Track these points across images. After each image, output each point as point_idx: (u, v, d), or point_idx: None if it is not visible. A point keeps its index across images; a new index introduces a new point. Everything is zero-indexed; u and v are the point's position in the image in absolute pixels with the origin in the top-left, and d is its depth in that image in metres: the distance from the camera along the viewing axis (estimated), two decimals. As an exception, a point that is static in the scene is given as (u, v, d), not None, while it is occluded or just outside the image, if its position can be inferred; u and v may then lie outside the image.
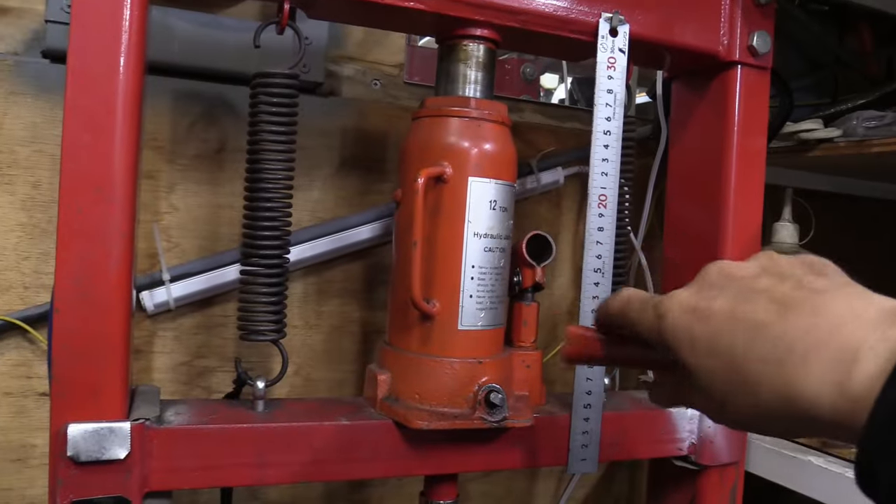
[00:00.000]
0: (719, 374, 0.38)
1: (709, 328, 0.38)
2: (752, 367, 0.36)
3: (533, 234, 0.70)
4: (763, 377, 0.36)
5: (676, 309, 0.41)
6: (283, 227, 0.63)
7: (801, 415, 0.34)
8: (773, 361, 0.35)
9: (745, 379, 0.36)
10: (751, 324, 0.37)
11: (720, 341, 0.38)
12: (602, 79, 0.68)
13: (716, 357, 0.38)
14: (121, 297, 0.54)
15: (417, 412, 0.62)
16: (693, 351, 0.39)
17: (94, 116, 0.53)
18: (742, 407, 0.37)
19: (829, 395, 0.33)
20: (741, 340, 0.37)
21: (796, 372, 0.34)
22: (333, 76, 0.88)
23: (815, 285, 0.37)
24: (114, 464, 0.54)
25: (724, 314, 0.38)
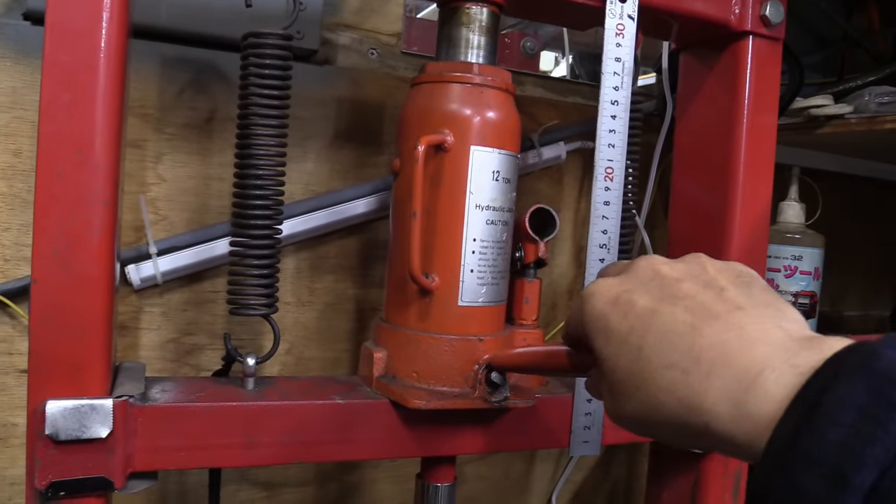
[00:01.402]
0: (626, 371, 0.38)
1: (625, 323, 0.38)
2: (658, 370, 0.36)
3: (536, 207, 0.68)
4: (666, 382, 0.35)
5: (599, 296, 0.40)
6: (275, 195, 0.60)
7: (698, 427, 0.34)
8: (678, 369, 0.35)
9: (649, 380, 0.36)
10: (665, 328, 0.36)
11: (632, 338, 0.37)
12: (610, 46, 0.65)
13: (626, 353, 0.38)
14: (103, 268, 0.51)
15: (415, 391, 0.59)
16: (607, 342, 0.39)
17: (74, 74, 0.49)
18: (642, 408, 0.37)
19: (727, 412, 0.33)
20: (652, 342, 0.37)
21: (699, 384, 0.34)
22: (329, 44, 0.85)
23: (735, 300, 0.36)
24: (95, 443, 0.51)
25: (642, 312, 0.38)
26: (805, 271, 0.94)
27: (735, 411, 0.32)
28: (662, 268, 0.40)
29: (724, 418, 0.33)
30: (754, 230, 0.73)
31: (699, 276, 0.39)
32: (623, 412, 0.38)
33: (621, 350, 0.38)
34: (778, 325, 0.35)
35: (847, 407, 0.28)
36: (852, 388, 0.28)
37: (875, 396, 0.28)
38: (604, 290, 0.41)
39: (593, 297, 0.41)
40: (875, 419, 0.27)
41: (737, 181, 0.72)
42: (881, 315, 1.33)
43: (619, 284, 0.40)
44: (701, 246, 0.75)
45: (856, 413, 0.28)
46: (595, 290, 0.41)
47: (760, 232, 0.74)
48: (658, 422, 0.36)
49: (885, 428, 0.27)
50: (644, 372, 0.36)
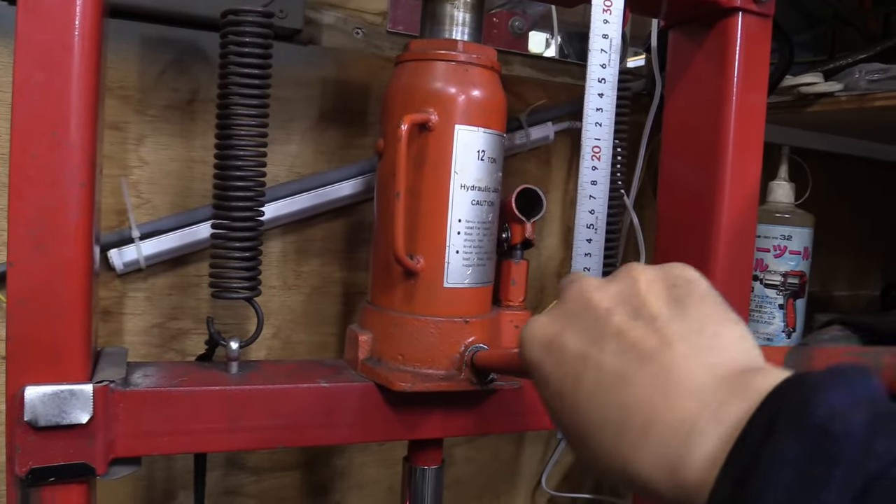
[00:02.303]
0: (567, 426, 0.35)
1: (558, 372, 0.36)
2: (595, 431, 0.33)
3: (522, 187, 0.67)
4: (601, 446, 0.33)
5: (533, 342, 0.38)
6: (257, 176, 0.59)
7: (641, 488, 0.31)
8: (611, 431, 0.32)
9: (588, 440, 0.34)
10: (595, 380, 0.34)
11: (566, 391, 0.35)
12: (597, 24, 0.64)
13: (565, 409, 0.35)
14: (81, 251, 0.50)
15: (400, 374, 0.59)
16: (547, 392, 0.37)
17: (49, 52, 0.48)
18: (590, 462, 0.34)
19: (663, 481, 0.30)
20: (584, 398, 0.34)
21: (632, 450, 0.31)
22: (313, 23, 0.83)
23: (665, 331, 0.33)
24: (75, 429, 0.50)
25: (573, 359, 0.35)
26: (794, 251, 0.94)
27: (670, 479, 0.30)
28: (594, 295, 0.38)
29: (661, 485, 0.30)
30: (743, 210, 0.73)
31: (630, 299, 0.36)
32: (579, 458, 0.36)
33: (561, 404, 0.35)
34: (706, 363, 0.32)
35: (784, 468, 0.26)
36: (786, 447, 0.26)
37: (813, 454, 0.25)
38: (537, 333, 0.39)
39: (527, 343, 0.39)
40: (815, 481, 0.25)
41: (726, 160, 0.71)
42: (871, 294, 1.33)
43: (550, 324, 0.38)
44: (690, 226, 0.75)
45: (793, 474, 0.25)
46: (529, 335, 0.39)
47: (749, 212, 0.73)
48: (608, 474, 0.33)
49: (827, 487, 0.25)
50: (582, 431, 0.34)
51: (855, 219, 1.27)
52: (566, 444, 0.37)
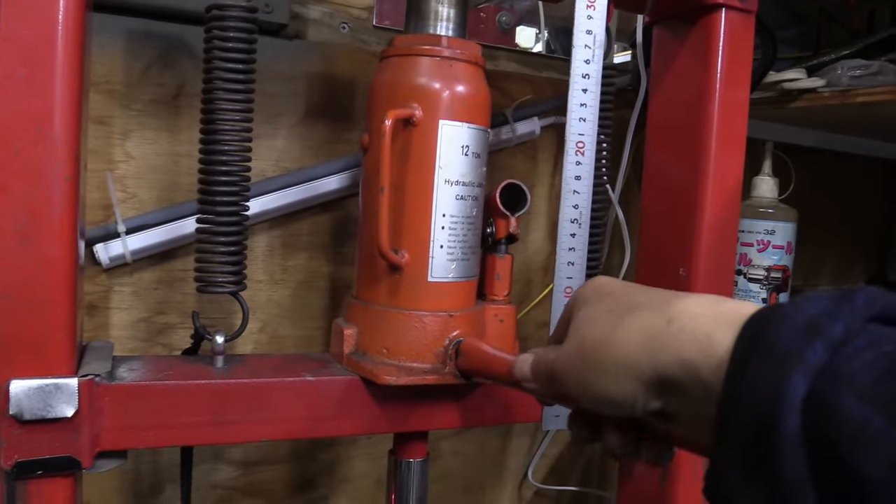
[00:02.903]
0: (605, 316, 0.41)
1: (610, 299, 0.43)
2: (636, 314, 0.39)
3: (507, 183, 0.67)
4: (638, 324, 0.38)
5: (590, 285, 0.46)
6: (242, 171, 0.60)
7: (668, 365, 0.36)
8: (651, 314, 0.38)
9: (626, 321, 0.39)
10: (643, 300, 0.40)
11: (615, 300, 0.42)
12: (581, 19, 0.64)
13: (607, 308, 0.42)
14: (66, 245, 0.50)
15: (385, 367, 0.59)
16: (589, 304, 0.43)
17: (32, 48, 0.48)
18: (613, 361, 0.39)
19: (695, 348, 0.35)
20: (628, 307, 0.40)
21: (672, 331, 0.37)
22: (299, 18, 0.83)
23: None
24: (61, 422, 0.51)
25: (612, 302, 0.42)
26: (778, 245, 0.95)
27: (704, 309, 0.36)
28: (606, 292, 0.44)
29: (691, 313, 0.36)
30: (726, 205, 0.73)
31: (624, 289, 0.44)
32: (591, 373, 0.40)
33: (603, 305, 0.42)
34: (708, 300, 0.38)
35: (785, 325, 0.32)
36: (784, 329, 0.32)
37: (830, 308, 0.32)
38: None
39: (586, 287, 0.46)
40: (834, 307, 0.31)
41: (709, 155, 0.72)
42: (854, 289, 1.34)
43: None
44: (674, 220, 0.75)
45: (818, 309, 0.31)
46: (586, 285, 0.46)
47: (732, 206, 0.74)
48: (627, 371, 0.38)
49: (851, 303, 0.31)
50: (622, 314, 0.40)
51: (838, 213, 1.28)
52: (584, 361, 0.41)
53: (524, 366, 0.48)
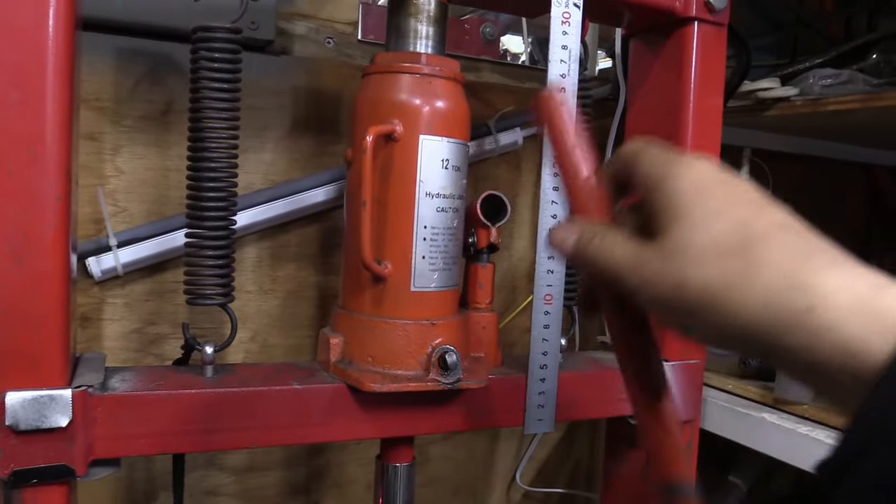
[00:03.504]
0: (732, 222, 0.34)
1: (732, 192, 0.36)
2: (772, 231, 0.34)
3: (487, 194, 0.69)
4: (777, 243, 0.33)
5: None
6: (228, 187, 0.62)
7: (795, 309, 0.31)
8: (794, 236, 0.34)
9: (757, 238, 0.34)
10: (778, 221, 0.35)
11: (738, 206, 0.35)
12: (556, 35, 0.66)
13: (737, 210, 0.35)
14: (58, 262, 0.52)
15: (370, 375, 0.61)
16: (711, 197, 0.36)
17: (23, 72, 0.50)
18: (723, 274, 0.34)
19: (846, 302, 0.31)
20: (762, 224, 0.34)
21: (818, 265, 0.32)
22: (285, 34, 0.85)
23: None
24: (55, 432, 0.52)
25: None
26: (756, 250, 0.96)
27: (856, 303, 0.30)
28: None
29: (839, 307, 0.30)
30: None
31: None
32: (692, 278, 0.34)
33: (716, 229, 0.34)
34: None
35: None
36: None
37: None
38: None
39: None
40: None
41: (684, 164, 0.74)
42: (836, 290, 1.36)
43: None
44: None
45: None
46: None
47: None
48: (739, 296, 0.33)
49: None
50: (753, 229, 0.34)
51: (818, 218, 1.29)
52: (687, 260, 0.35)
53: (565, 243, 0.41)
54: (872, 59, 0.89)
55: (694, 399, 0.77)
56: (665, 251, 0.36)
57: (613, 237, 0.39)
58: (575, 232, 0.41)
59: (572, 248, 0.41)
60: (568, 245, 0.41)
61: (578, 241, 0.40)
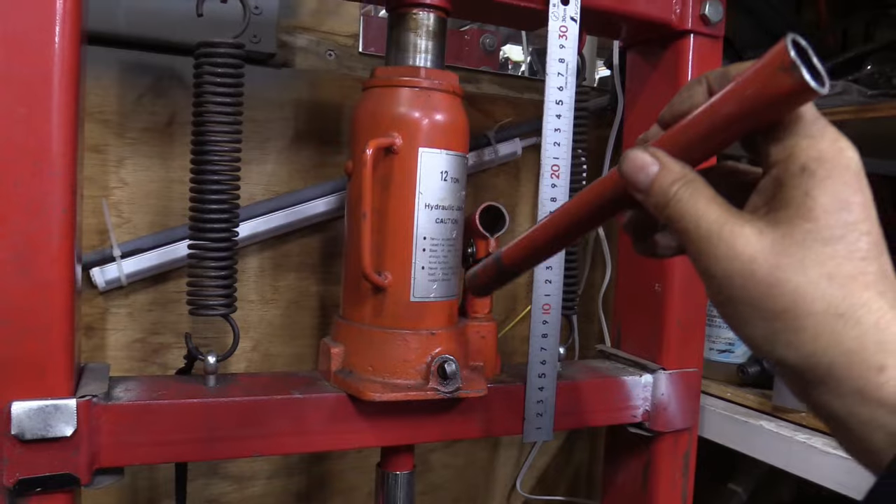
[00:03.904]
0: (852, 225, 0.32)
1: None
2: (871, 306, 0.31)
3: (486, 205, 0.70)
4: (865, 280, 0.31)
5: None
6: (231, 199, 0.63)
7: (835, 368, 0.31)
8: (887, 310, 0.31)
9: (856, 309, 0.31)
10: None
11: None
12: (553, 48, 0.67)
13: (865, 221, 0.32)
14: (63, 273, 0.53)
15: (370, 384, 0.62)
16: (849, 190, 0.32)
17: (29, 87, 0.51)
18: (811, 278, 0.31)
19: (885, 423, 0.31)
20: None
21: (875, 388, 0.31)
22: (286, 47, 0.86)
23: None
24: (60, 441, 0.53)
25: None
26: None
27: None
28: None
29: (882, 417, 0.30)
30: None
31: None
32: (793, 287, 0.32)
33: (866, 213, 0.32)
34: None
35: None
36: None
37: None
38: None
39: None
40: None
41: (681, 174, 0.75)
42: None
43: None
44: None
45: None
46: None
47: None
48: (824, 333, 0.31)
49: None
50: (867, 275, 0.31)
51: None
52: (785, 252, 0.32)
53: (639, 175, 0.35)
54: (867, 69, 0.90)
55: (692, 407, 0.77)
56: (777, 237, 0.32)
57: (703, 187, 0.34)
58: (664, 165, 0.35)
59: (651, 181, 0.35)
60: (647, 175, 0.35)
61: (663, 178, 0.35)
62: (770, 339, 0.33)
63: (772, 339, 0.32)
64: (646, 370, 0.76)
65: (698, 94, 0.37)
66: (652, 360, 0.77)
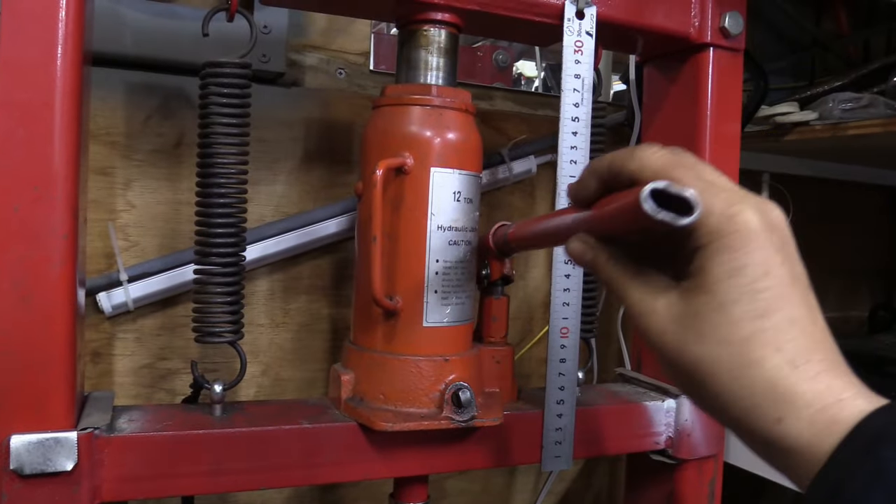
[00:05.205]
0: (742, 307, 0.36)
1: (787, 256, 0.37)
2: (773, 352, 0.35)
3: (499, 225, 0.68)
4: (783, 338, 0.35)
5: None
6: (238, 223, 0.61)
7: (769, 396, 0.35)
8: (787, 359, 0.35)
9: (756, 354, 0.35)
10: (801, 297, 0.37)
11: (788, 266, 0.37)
12: (569, 63, 0.65)
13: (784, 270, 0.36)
14: (64, 301, 0.51)
15: (382, 413, 0.59)
16: (767, 248, 0.36)
17: (30, 111, 0.50)
18: (743, 332, 0.35)
19: (812, 400, 0.34)
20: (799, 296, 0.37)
21: (801, 372, 0.35)
22: (296, 66, 0.85)
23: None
24: (60, 476, 0.51)
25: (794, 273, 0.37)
26: (778, 277, 0.94)
27: (819, 415, 0.34)
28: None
29: (803, 418, 0.34)
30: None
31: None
32: (695, 352, 0.37)
33: (783, 263, 0.36)
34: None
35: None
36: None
37: None
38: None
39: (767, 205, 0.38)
40: None
41: (702, 191, 0.72)
42: (860, 316, 1.34)
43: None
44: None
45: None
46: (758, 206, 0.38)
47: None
48: (727, 381, 0.36)
49: None
50: (768, 320, 0.35)
51: (841, 241, 1.28)
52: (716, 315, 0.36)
53: (581, 260, 0.43)
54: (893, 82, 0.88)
55: (717, 433, 0.74)
56: (681, 310, 0.38)
57: (631, 268, 0.41)
58: (593, 249, 0.42)
59: (589, 264, 0.43)
60: (585, 261, 0.43)
61: (596, 260, 0.42)
62: (687, 391, 0.39)
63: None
64: (668, 394, 0.74)
65: (592, 180, 0.43)
66: (674, 384, 0.74)
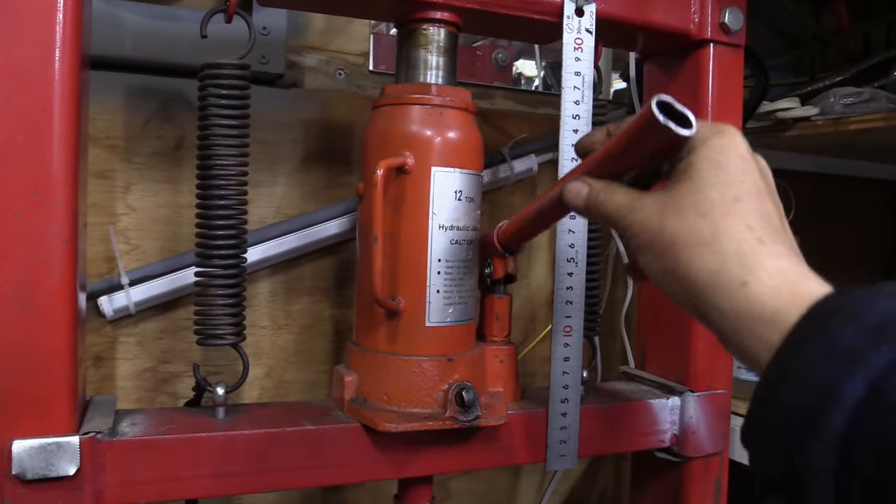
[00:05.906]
0: (727, 185, 0.40)
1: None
2: (739, 226, 0.39)
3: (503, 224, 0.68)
4: (741, 229, 0.39)
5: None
6: (239, 224, 0.60)
7: (733, 279, 0.38)
8: (754, 236, 0.39)
9: (722, 226, 0.39)
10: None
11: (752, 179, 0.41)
12: (569, 61, 0.65)
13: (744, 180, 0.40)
14: (65, 306, 0.51)
15: (385, 414, 0.59)
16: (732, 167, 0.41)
17: (29, 115, 0.49)
18: (709, 227, 0.39)
19: (770, 282, 0.37)
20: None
21: (743, 302, 0.38)
22: (295, 67, 0.85)
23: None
24: (63, 480, 0.51)
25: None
26: (781, 273, 0.94)
27: (783, 286, 0.37)
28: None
29: (767, 285, 0.37)
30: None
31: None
32: (669, 225, 0.41)
33: (710, 192, 0.40)
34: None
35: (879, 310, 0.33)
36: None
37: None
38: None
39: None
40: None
41: (704, 188, 0.72)
42: (864, 311, 1.33)
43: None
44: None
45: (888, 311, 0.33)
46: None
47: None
48: (697, 253, 0.39)
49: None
50: (735, 206, 0.39)
51: (843, 236, 1.27)
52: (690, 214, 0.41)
53: (577, 199, 0.48)
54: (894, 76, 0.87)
55: (722, 430, 0.74)
56: (667, 196, 0.42)
57: (615, 187, 0.46)
58: (589, 185, 0.48)
59: (584, 199, 0.48)
60: (581, 197, 0.48)
61: (591, 193, 0.47)
62: (662, 275, 0.42)
63: (663, 274, 0.42)
64: (673, 392, 0.73)
65: (599, 134, 0.51)
66: (679, 382, 0.74)
